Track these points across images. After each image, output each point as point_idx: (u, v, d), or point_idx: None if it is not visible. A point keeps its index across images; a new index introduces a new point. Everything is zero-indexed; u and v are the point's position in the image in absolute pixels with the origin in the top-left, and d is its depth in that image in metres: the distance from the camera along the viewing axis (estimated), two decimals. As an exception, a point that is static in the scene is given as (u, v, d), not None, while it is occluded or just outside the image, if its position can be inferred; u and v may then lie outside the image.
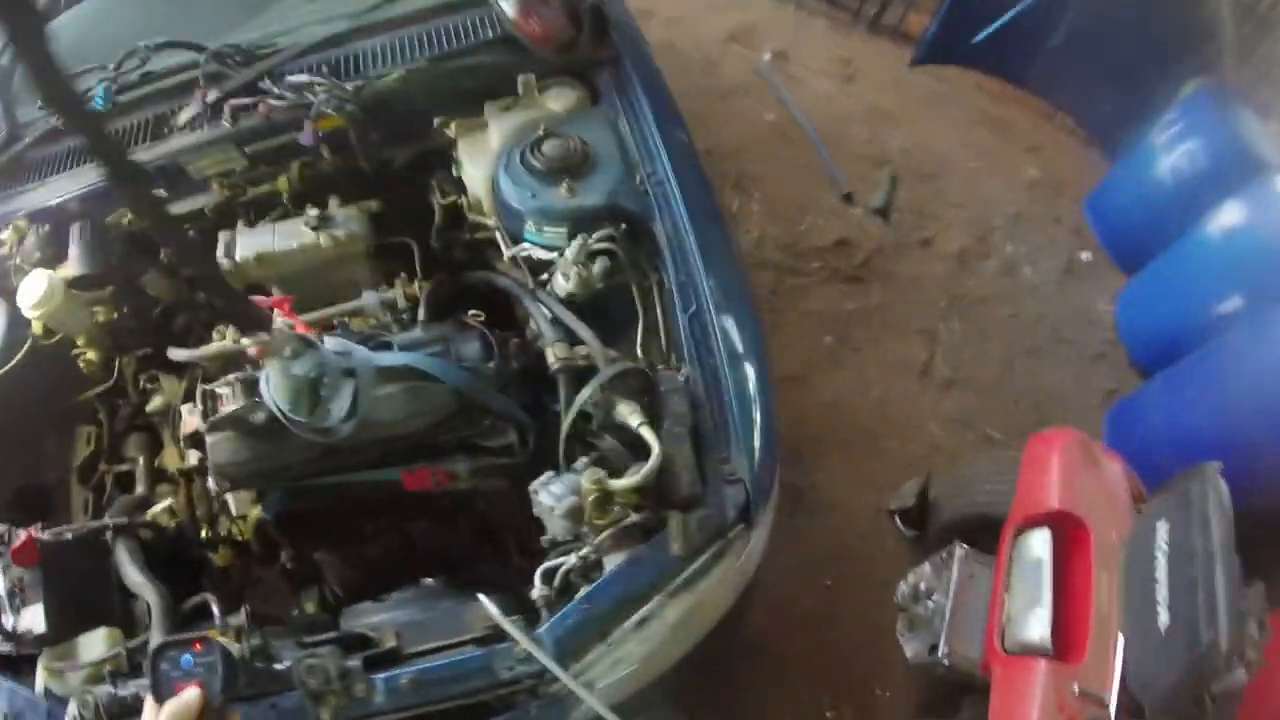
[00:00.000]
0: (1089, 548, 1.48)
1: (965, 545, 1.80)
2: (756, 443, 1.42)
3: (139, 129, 1.93)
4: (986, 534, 1.82)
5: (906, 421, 2.79)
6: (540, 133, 1.68)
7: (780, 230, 3.25)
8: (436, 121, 1.89)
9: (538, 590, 1.40)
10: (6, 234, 1.96)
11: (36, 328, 1.83)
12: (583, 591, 1.35)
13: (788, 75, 3.82)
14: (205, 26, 2.01)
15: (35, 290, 1.77)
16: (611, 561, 1.37)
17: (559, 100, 1.84)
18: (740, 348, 1.50)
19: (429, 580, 1.61)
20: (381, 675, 1.29)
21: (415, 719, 1.32)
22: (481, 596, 1.25)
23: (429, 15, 1.95)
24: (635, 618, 1.30)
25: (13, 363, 1.81)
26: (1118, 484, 1.71)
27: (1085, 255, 3.24)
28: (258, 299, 1.36)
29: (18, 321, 1.86)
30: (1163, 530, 1.37)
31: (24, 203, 1.98)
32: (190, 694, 0.98)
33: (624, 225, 1.61)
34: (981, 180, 3.49)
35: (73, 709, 1.42)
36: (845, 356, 2.94)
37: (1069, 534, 1.53)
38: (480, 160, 1.78)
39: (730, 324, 1.51)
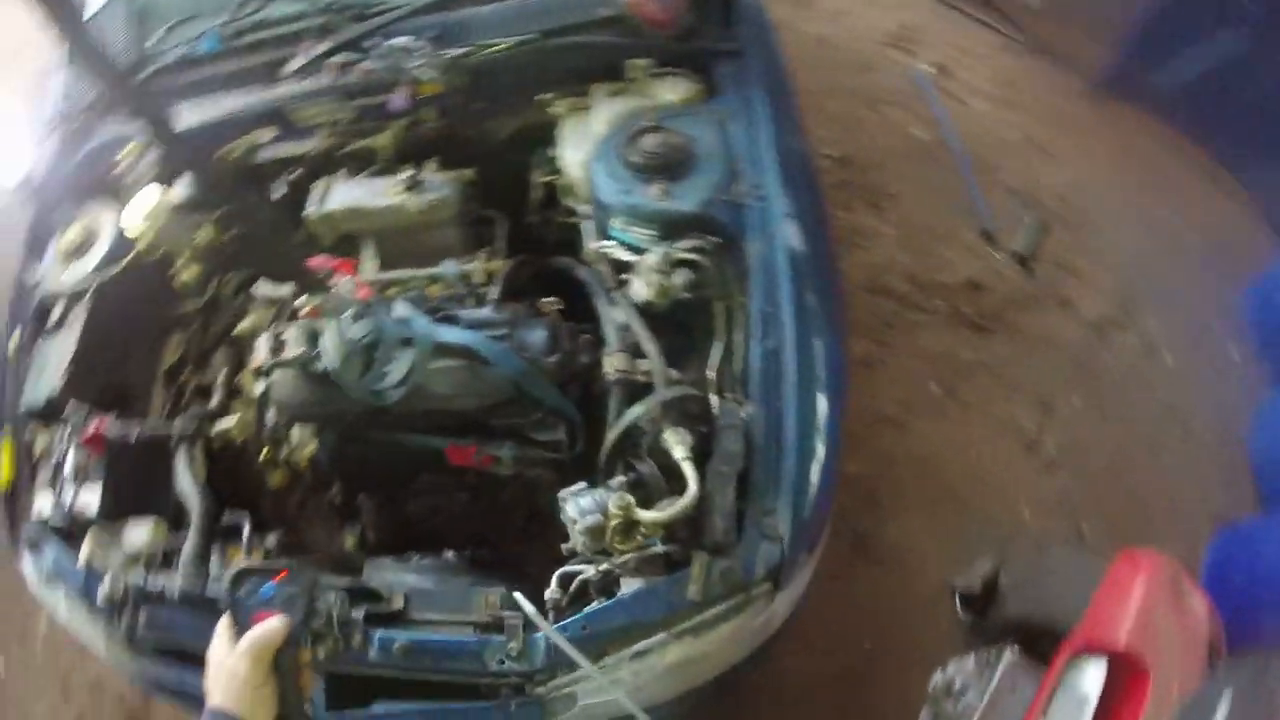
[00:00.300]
0: (1144, 696, 1.34)
1: (1018, 650, 1.67)
2: (807, 500, 1.36)
3: (249, 73, 2.02)
4: (1046, 641, 1.69)
5: (999, 494, 2.60)
6: (643, 124, 1.64)
7: (910, 259, 3.07)
8: (540, 97, 1.88)
9: (551, 592, 1.41)
10: (126, 151, 2.13)
11: (141, 240, 1.99)
12: (589, 609, 1.36)
13: (944, 90, 3.59)
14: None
15: (143, 207, 1.93)
16: (629, 584, 1.36)
17: (671, 90, 1.79)
18: (815, 397, 1.43)
19: (450, 554, 1.66)
20: (380, 632, 1.35)
21: (403, 681, 1.38)
22: (518, 595, 1.28)
23: None
24: (634, 648, 1.30)
25: (117, 268, 1.99)
26: (1197, 631, 1.54)
27: (1235, 353, 2.88)
28: (316, 260, 1.41)
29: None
30: (1225, 703, 1.23)
31: None
32: (274, 623, 1.00)
33: (714, 238, 1.55)
34: (1138, 242, 3.17)
35: (107, 585, 1.57)
36: (950, 409, 2.76)
37: (1127, 674, 1.39)
38: (581, 144, 1.76)
39: (810, 369, 1.45)
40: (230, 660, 0.98)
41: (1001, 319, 2.96)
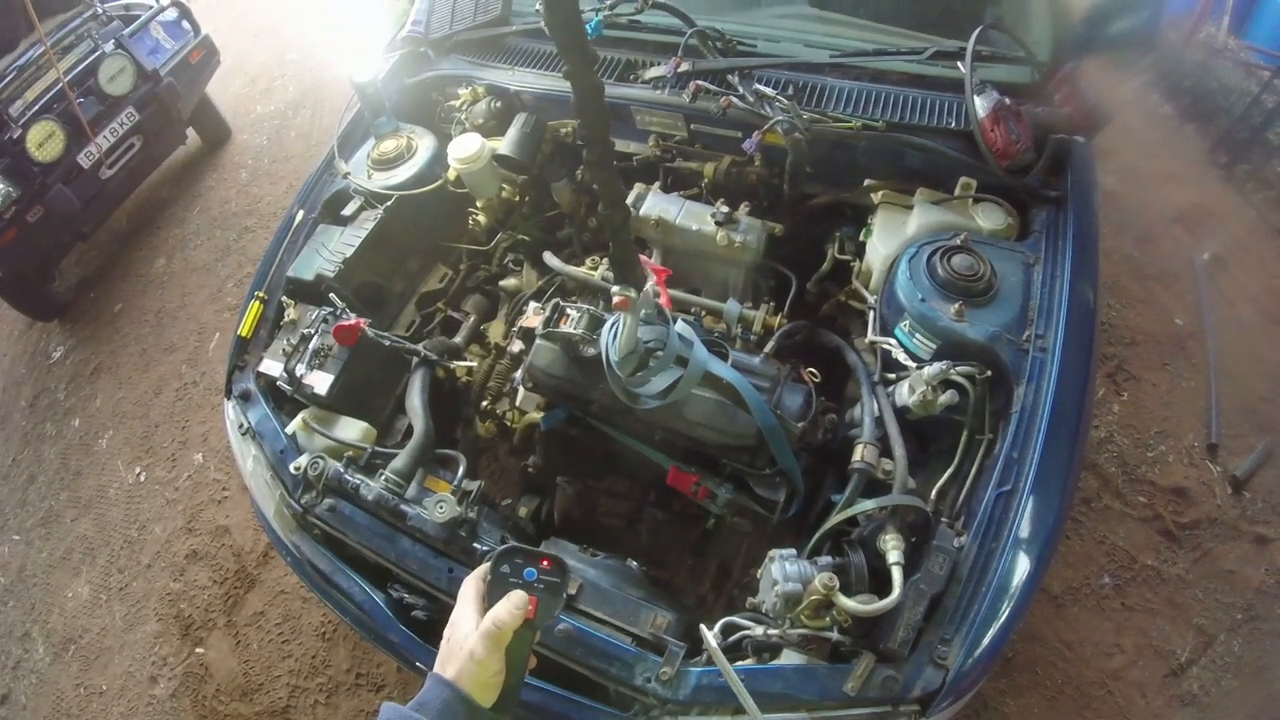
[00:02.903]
0: None
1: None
2: (982, 647, 1.40)
3: (610, 65, 2.24)
4: None
5: (1126, 711, 2.55)
6: (958, 242, 1.73)
7: (1128, 445, 3.07)
8: (867, 182, 1.99)
9: (711, 635, 1.47)
10: (464, 93, 2.43)
11: (451, 175, 2.27)
12: (744, 663, 1.46)
13: (1217, 285, 3.52)
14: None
15: (467, 148, 2.21)
16: (789, 656, 1.45)
17: (988, 218, 1.87)
18: (1028, 551, 1.46)
19: (633, 563, 1.78)
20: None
21: (549, 662, 1.50)
22: (707, 633, 1.33)
23: (906, 81, 2.05)
24: (772, 717, 1.36)
25: (421, 190, 2.26)
26: None
27: None
28: (643, 259, 1.54)
29: (439, 160, 2.31)
30: None
31: (490, 75, 2.41)
32: (515, 610, 1.05)
33: (989, 372, 1.62)
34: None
35: (303, 461, 1.79)
36: (1112, 608, 2.73)
37: None
38: (890, 239, 1.86)
39: (1031, 528, 1.48)
40: (471, 640, 1.03)
41: (1195, 536, 2.88)
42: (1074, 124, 1.92)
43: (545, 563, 1.12)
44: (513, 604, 1.06)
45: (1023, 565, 1.46)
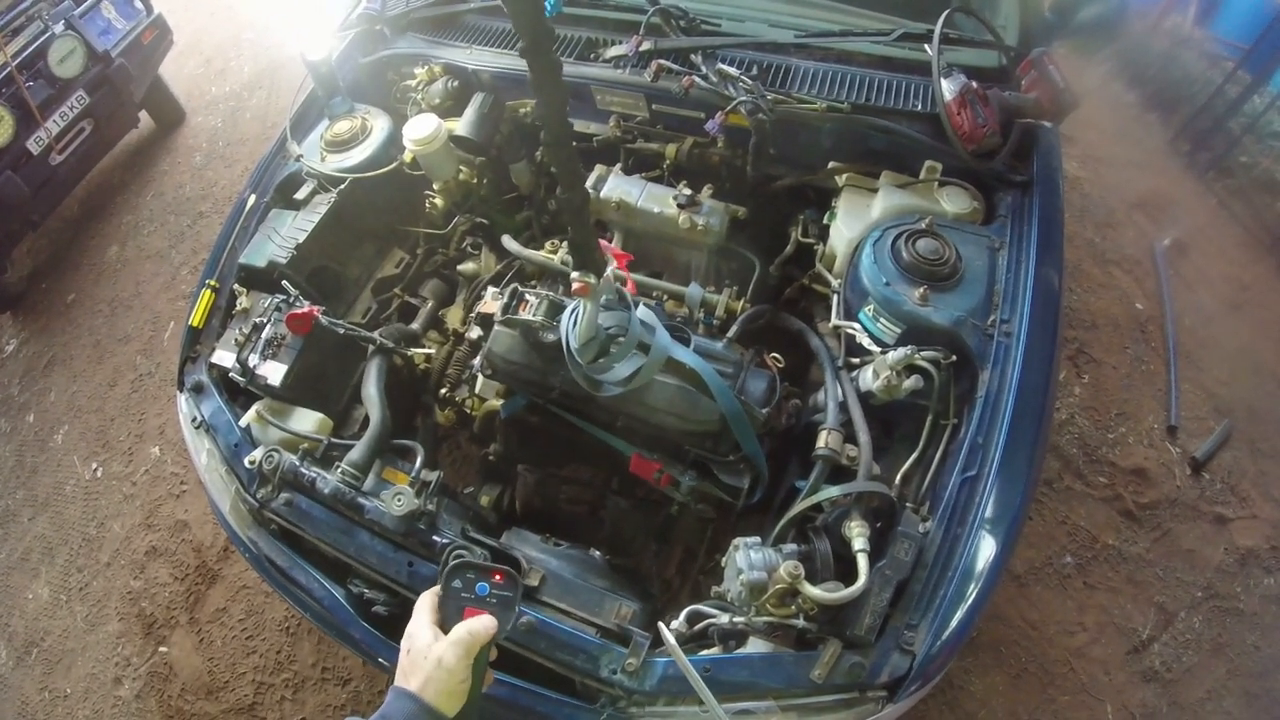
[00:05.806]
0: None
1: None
2: (949, 631, 1.39)
3: (570, 43, 2.19)
4: None
5: (1089, 687, 2.60)
6: (923, 226, 1.70)
7: (1089, 426, 3.11)
8: (831, 165, 1.96)
9: (677, 623, 1.49)
10: (420, 72, 2.35)
11: (407, 157, 2.20)
12: (711, 652, 1.44)
13: (1177, 271, 3.58)
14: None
15: (423, 129, 2.13)
16: (755, 644, 1.43)
17: (953, 202, 1.85)
18: (993, 536, 1.45)
19: (596, 553, 1.74)
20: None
21: (514, 656, 1.47)
22: (665, 630, 1.30)
23: (873, 64, 2.02)
24: (740, 705, 1.35)
25: (376, 173, 2.18)
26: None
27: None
28: (603, 243, 1.49)
29: (395, 142, 2.23)
30: None
31: (447, 54, 2.34)
32: (487, 621, 1.06)
33: (954, 357, 1.60)
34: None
35: (258, 454, 1.73)
36: (1074, 587, 2.77)
37: None
38: (854, 222, 1.84)
39: (996, 512, 1.47)
40: (440, 648, 1.03)
41: (1155, 516, 2.94)
42: (1040, 109, 1.90)
43: (498, 576, 1.12)
44: (485, 619, 1.07)
45: (988, 549, 1.44)
